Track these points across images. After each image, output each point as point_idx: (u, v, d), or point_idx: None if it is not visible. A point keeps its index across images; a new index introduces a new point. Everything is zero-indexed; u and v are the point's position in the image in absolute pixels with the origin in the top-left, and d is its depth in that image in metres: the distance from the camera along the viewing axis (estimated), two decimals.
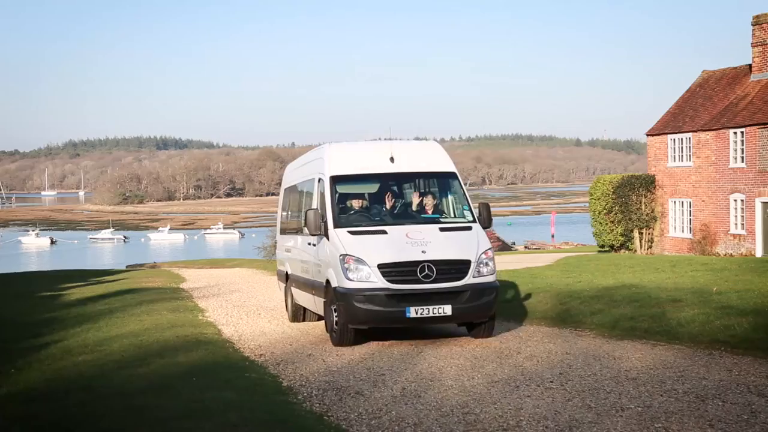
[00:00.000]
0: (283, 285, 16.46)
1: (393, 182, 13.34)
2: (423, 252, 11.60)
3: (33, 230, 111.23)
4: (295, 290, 15.06)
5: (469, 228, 12.44)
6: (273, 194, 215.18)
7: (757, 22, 32.90)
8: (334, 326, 11.96)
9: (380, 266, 11.50)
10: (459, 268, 11.70)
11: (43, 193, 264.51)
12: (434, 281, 11.49)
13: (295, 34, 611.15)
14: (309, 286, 13.56)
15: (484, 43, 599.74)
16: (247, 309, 17.49)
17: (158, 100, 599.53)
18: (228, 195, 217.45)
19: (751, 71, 33.48)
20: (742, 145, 31.33)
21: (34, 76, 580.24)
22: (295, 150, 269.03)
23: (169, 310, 16.58)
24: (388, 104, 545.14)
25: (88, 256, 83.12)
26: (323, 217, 12.41)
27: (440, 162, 13.41)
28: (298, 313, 15.18)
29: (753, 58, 33.18)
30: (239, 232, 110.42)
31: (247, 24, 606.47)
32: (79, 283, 26.43)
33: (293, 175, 16.49)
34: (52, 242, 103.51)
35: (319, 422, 7.52)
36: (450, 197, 13.27)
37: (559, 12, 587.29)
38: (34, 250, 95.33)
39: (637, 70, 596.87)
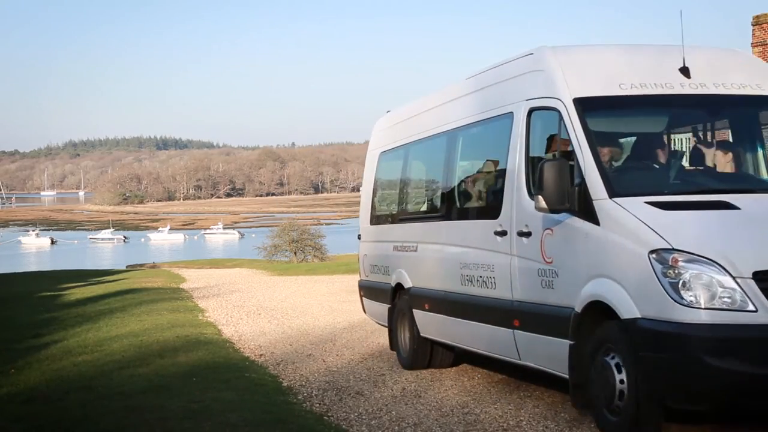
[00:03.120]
0: (383, 306, 10.79)
1: (693, 112, 7.96)
2: None
3: (33, 230, 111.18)
4: (427, 316, 9.57)
5: None
6: (273, 194, 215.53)
7: (757, 22, 32.88)
8: (616, 400, 6.36)
9: (758, 276, 5.88)
10: None
11: (42, 193, 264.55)
12: None
13: (295, 34, 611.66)
14: (491, 311, 8.09)
15: (484, 42, 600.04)
16: (247, 309, 17.49)
17: (158, 100, 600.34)
18: (228, 195, 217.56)
19: None
20: None
21: (34, 76, 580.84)
22: (295, 150, 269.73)
23: (169, 310, 16.57)
24: (387, 104, 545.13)
25: (88, 256, 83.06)
26: (579, 176, 6.79)
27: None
28: (423, 353, 9.84)
29: None
30: (239, 233, 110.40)
31: (247, 24, 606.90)
32: (79, 283, 26.44)
33: (409, 126, 10.59)
34: (53, 242, 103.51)
35: (319, 422, 7.52)
36: None
37: (559, 11, 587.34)
38: (34, 250, 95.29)
39: None
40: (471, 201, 9.03)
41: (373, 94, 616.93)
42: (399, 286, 10.30)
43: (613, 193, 6.63)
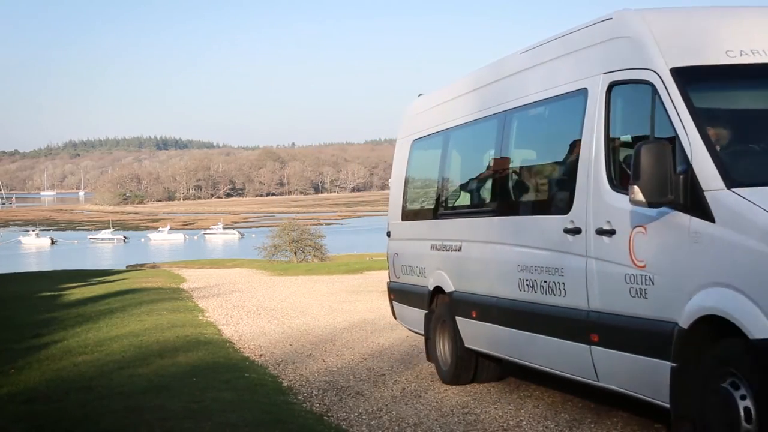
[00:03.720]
0: (419, 311, 9.75)
1: None
2: None
3: (33, 230, 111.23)
4: (474, 325, 8.49)
5: None
6: (273, 194, 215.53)
7: None
8: None
9: None
10: None
11: (42, 193, 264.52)
12: None
13: (295, 34, 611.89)
14: (560, 323, 6.93)
15: (484, 41, 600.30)
16: (248, 309, 17.48)
17: (158, 100, 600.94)
18: (228, 195, 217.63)
19: None
20: None
21: (34, 76, 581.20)
22: (295, 150, 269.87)
23: (169, 311, 16.57)
24: (387, 104, 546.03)
25: (88, 256, 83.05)
26: (684, 163, 5.65)
27: None
28: (467, 366, 8.82)
29: None
30: (239, 233, 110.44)
31: (247, 24, 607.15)
32: (79, 283, 26.42)
33: (449, 109, 9.44)
34: (53, 242, 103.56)
35: (319, 422, 7.52)
36: None
37: (560, 10, 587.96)
38: (34, 250, 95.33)
39: None
40: (532, 193, 7.86)
41: (373, 94, 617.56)
42: (438, 290, 9.21)
43: (731, 182, 5.43)
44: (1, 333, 14.09)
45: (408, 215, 10.41)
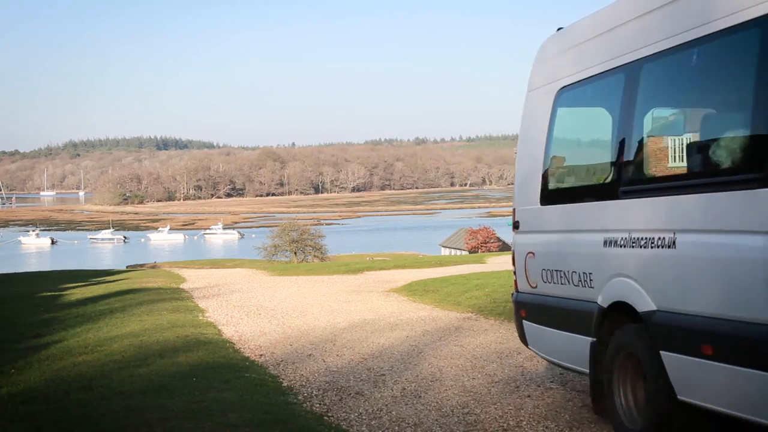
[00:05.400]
0: (579, 339, 6.94)
1: None
2: None
3: (33, 230, 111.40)
4: (709, 369, 5.28)
5: None
6: (273, 194, 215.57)
7: None
8: None
9: None
10: None
11: (42, 193, 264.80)
12: None
13: (295, 33, 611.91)
14: None
15: (484, 41, 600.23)
16: (248, 309, 17.47)
17: (158, 100, 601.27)
18: (228, 195, 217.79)
19: None
20: None
21: (34, 76, 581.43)
22: (295, 150, 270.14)
23: (169, 311, 16.56)
24: (387, 104, 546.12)
25: (88, 257, 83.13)
26: None
27: None
28: (677, 428, 5.72)
29: None
30: (239, 233, 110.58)
31: (248, 24, 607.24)
32: (80, 284, 26.40)
33: (630, 33, 6.35)
34: (53, 242, 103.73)
35: (320, 422, 7.52)
36: None
37: (561, 10, 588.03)
38: (34, 250, 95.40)
39: None
40: None
41: (372, 95, 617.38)
42: (617, 307, 6.33)
43: None
44: (1, 333, 14.08)
45: (555, 196, 7.52)
